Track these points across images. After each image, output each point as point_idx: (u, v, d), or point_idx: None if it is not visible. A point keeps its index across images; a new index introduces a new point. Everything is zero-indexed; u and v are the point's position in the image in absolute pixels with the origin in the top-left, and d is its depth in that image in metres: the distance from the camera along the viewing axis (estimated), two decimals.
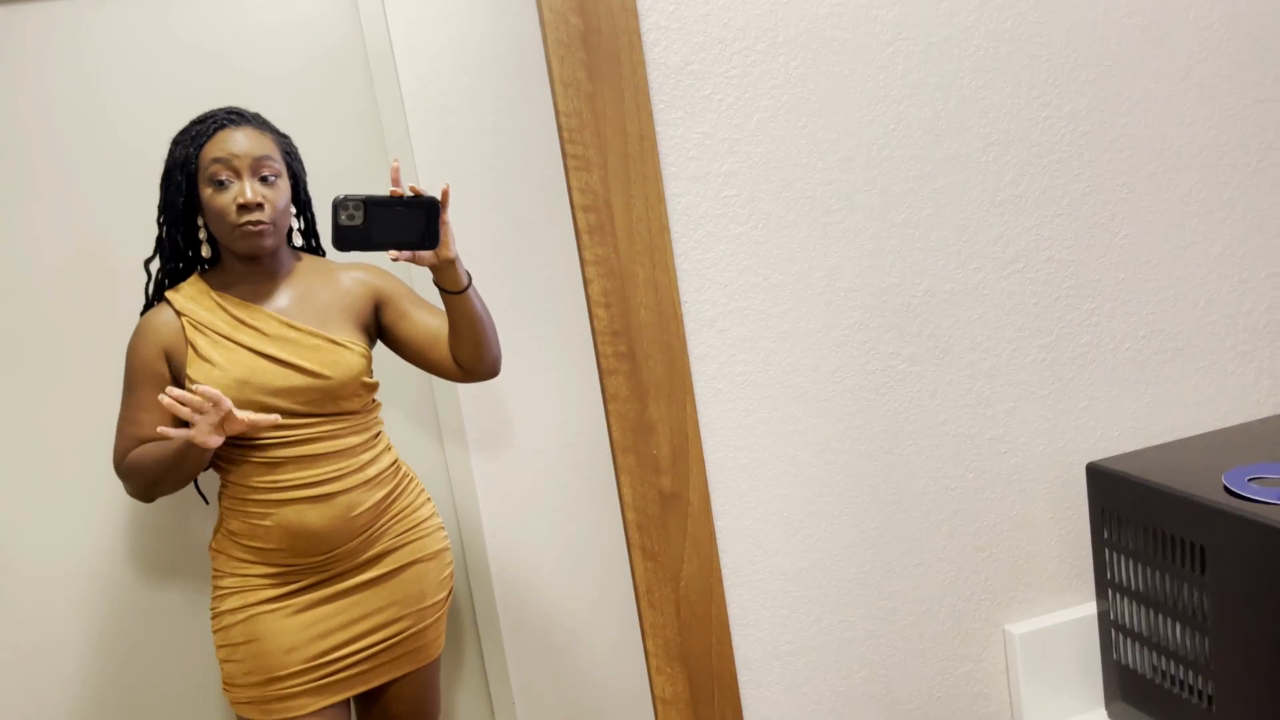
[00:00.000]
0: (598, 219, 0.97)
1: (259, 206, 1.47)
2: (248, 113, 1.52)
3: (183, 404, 1.36)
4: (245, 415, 1.40)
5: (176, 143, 1.50)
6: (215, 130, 1.48)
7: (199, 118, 1.50)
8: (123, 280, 1.71)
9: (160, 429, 1.36)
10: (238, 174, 1.47)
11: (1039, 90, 1.08)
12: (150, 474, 1.49)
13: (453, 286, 1.47)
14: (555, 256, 1.81)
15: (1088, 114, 1.10)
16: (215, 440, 1.39)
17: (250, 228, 1.47)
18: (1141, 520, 1.01)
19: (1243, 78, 1.14)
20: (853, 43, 1.03)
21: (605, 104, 0.96)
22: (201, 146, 1.47)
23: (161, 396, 1.34)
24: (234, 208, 1.46)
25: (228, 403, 1.37)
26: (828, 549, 1.09)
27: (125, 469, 1.52)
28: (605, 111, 0.96)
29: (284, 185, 1.52)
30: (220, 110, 1.51)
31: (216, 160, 1.46)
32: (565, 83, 0.95)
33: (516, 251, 1.80)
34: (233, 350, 1.48)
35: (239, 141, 1.47)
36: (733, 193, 1.02)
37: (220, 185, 1.47)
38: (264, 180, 1.49)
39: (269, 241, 1.50)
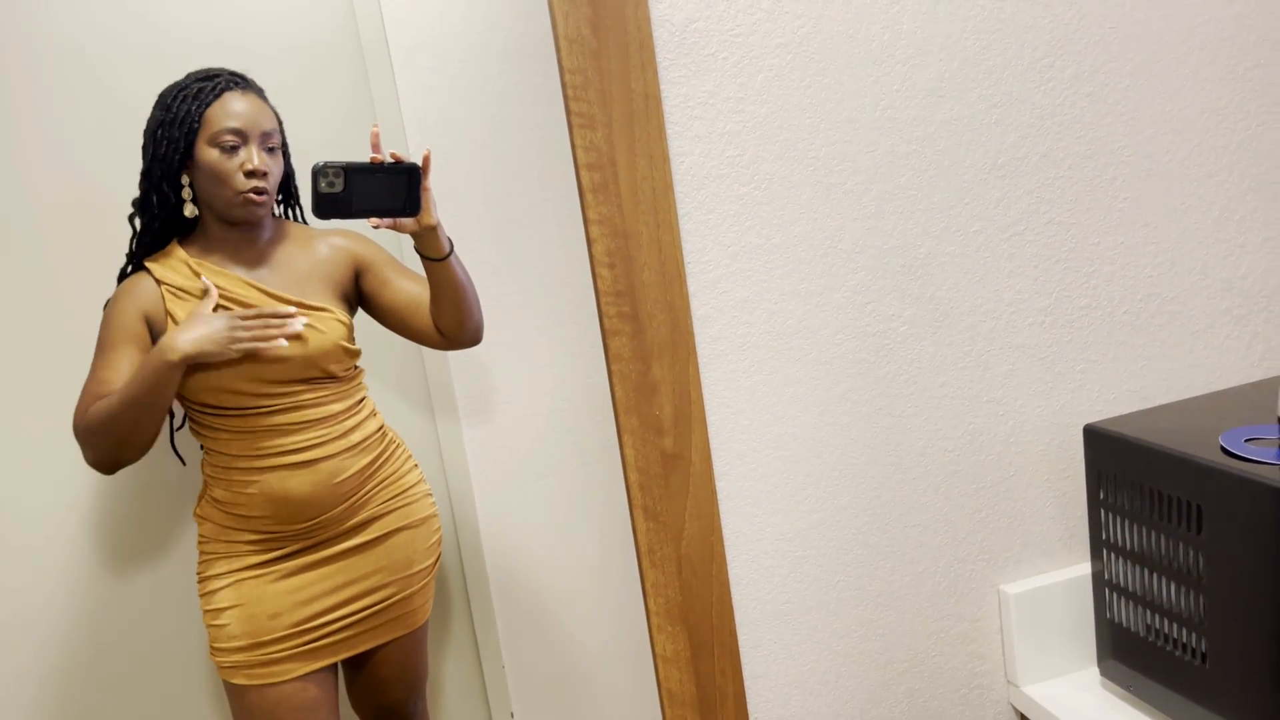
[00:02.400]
0: (602, 178, 0.96)
1: (264, 174, 1.45)
2: (249, 79, 1.50)
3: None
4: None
5: (175, 97, 1.45)
6: (222, 91, 1.45)
7: (202, 75, 1.47)
8: (111, 241, 1.68)
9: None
10: (245, 140, 1.44)
11: (1042, 51, 1.08)
12: (121, 416, 1.39)
13: (434, 253, 1.46)
14: (546, 221, 1.80)
15: (1090, 76, 1.09)
16: (236, 349, 1.42)
17: (254, 196, 1.45)
18: (1138, 481, 1.02)
19: (1245, 40, 1.14)
20: (858, 1, 1.02)
21: (610, 61, 0.95)
22: (208, 105, 1.44)
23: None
24: (240, 174, 1.44)
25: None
26: (826, 510, 1.10)
27: (87, 421, 1.42)
28: (610, 68, 0.95)
29: (280, 158, 1.51)
30: (225, 71, 1.48)
31: (226, 123, 1.43)
32: (570, 39, 0.94)
33: (508, 216, 1.78)
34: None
35: (247, 107, 1.45)
36: (736, 153, 1.01)
37: (229, 150, 1.44)
38: (269, 150, 1.47)
39: (263, 211, 1.48)
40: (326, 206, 1.19)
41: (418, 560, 1.65)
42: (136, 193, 1.67)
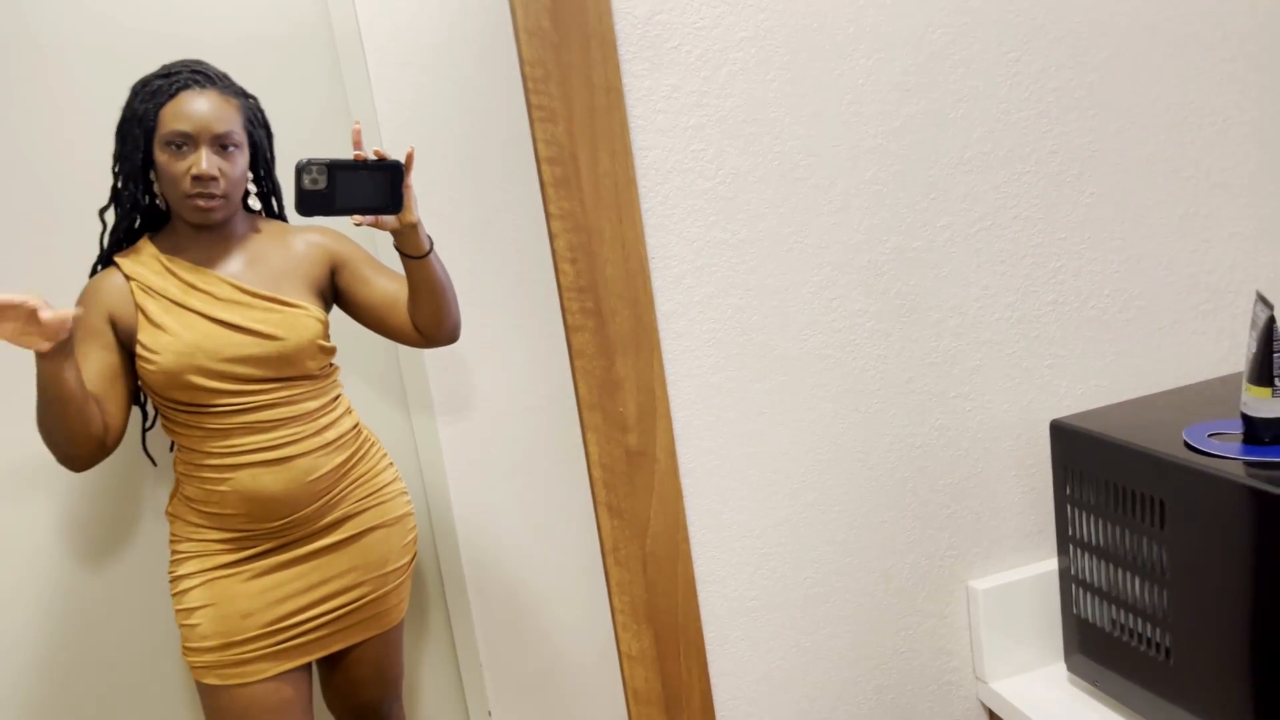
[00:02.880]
0: (563, 172, 0.96)
1: (212, 179, 1.43)
2: (213, 72, 1.47)
3: None
4: (52, 314, 1.26)
5: (136, 93, 1.44)
6: (178, 90, 1.43)
7: (162, 71, 1.45)
8: (75, 239, 1.67)
9: None
10: (195, 143, 1.42)
11: (1008, 46, 1.07)
12: (39, 414, 1.39)
13: (414, 251, 1.45)
14: (520, 217, 1.79)
15: (1056, 71, 1.09)
16: (38, 344, 1.27)
17: (201, 201, 1.43)
18: (1103, 476, 1.02)
19: (1210, 36, 1.14)
20: None
21: (571, 54, 0.94)
22: (162, 105, 1.42)
23: None
24: (188, 178, 1.42)
25: (33, 302, 1.24)
26: (794, 506, 1.09)
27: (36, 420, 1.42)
28: (571, 61, 0.94)
29: (241, 157, 1.47)
30: (186, 68, 1.45)
31: (174, 125, 1.41)
32: (530, 31, 0.93)
33: (481, 212, 1.77)
34: (184, 315, 1.45)
35: (201, 108, 1.42)
36: (701, 147, 1.01)
37: (176, 150, 1.42)
38: (222, 150, 1.45)
39: (218, 215, 1.46)
40: (309, 203, 1.18)
41: (393, 559, 1.64)
42: (96, 191, 1.66)
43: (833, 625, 1.13)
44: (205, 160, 1.42)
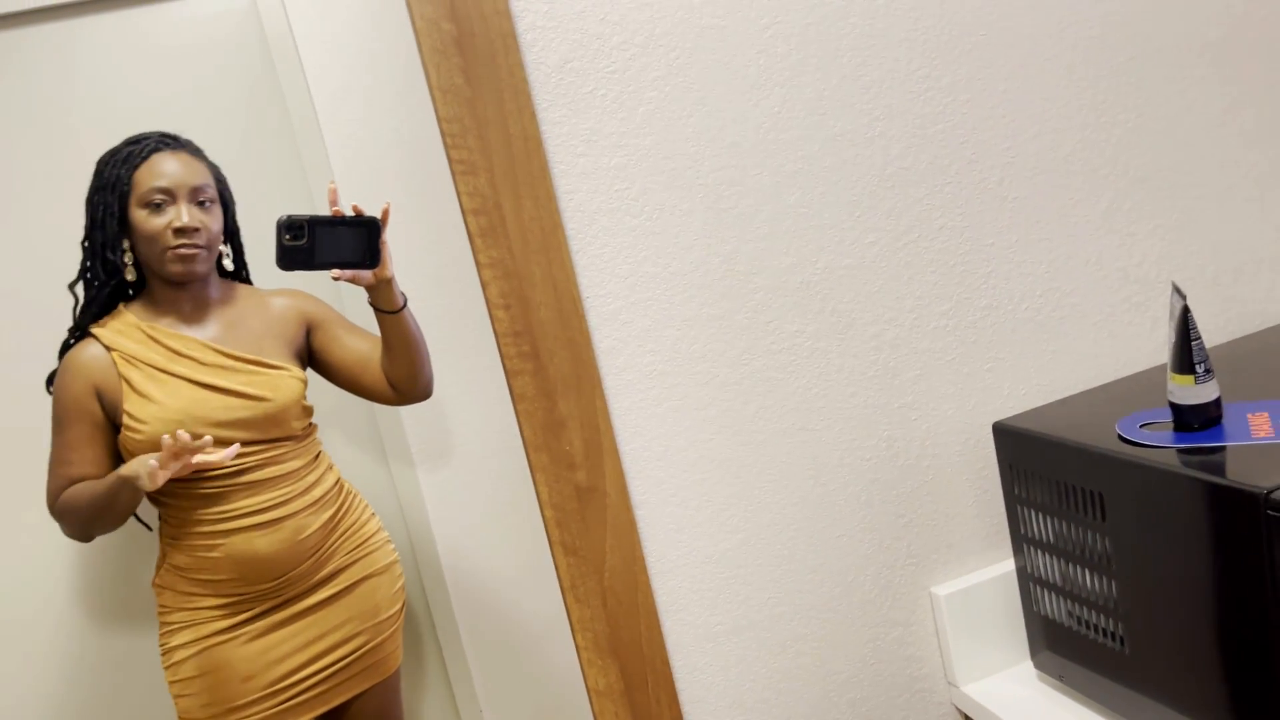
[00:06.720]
0: (489, 221, 0.98)
1: (195, 231, 1.46)
2: (181, 139, 1.51)
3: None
4: (200, 459, 1.38)
5: (106, 163, 1.47)
6: (150, 153, 1.47)
7: (131, 139, 1.49)
8: (52, 309, 1.70)
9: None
10: (174, 199, 1.46)
11: (917, 63, 1.10)
12: (84, 513, 1.47)
13: (389, 306, 1.47)
14: (473, 264, 1.82)
15: (967, 83, 1.12)
16: (162, 478, 1.38)
17: (184, 249, 1.46)
18: (1046, 474, 1.03)
19: (1115, 37, 1.16)
20: (730, 29, 1.04)
21: (485, 107, 0.97)
22: (136, 168, 1.46)
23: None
24: (169, 231, 1.46)
25: (187, 439, 1.35)
26: (750, 528, 1.11)
27: (59, 510, 1.50)
28: (486, 115, 0.97)
29: (218, 211, 1.51)
30: (154, 134, 1.50)
31: (153, 183, 1.45)
32: (443, 89, 0.96)
33: (437, 261, 1.80)
34: (170, 383, 1.47)
35: (175, 166, 1.47)
36: (624, 186, 1.03)
37: (156, 208, 1.46)
38: (200, 205, 1.48)
39: (201, 267, 1.49)
40: (290, 259, 1.21)
41: (384, 607, 1.65)
42: (42, 268, 1.69)
43: (800, 643, 1.14)
44: (186, 213, 1.45)
